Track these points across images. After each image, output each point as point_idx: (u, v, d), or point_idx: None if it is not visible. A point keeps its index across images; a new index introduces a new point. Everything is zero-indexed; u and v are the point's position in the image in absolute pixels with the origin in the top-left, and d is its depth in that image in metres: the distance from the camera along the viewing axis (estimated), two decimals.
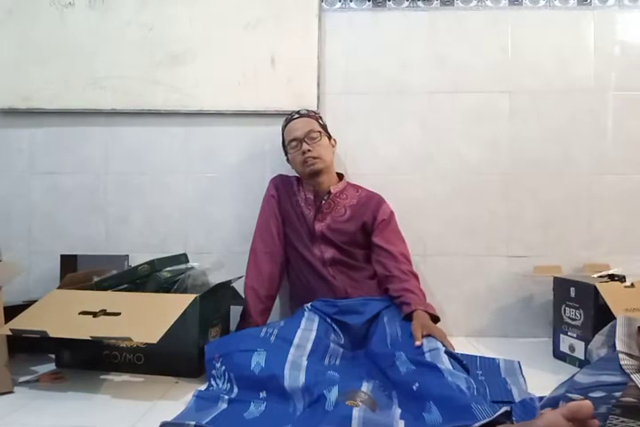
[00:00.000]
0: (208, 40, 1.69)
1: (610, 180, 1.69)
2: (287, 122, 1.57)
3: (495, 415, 0.84)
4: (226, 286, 1.46)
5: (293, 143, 1.53)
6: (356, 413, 0.87)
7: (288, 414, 1.01)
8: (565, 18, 1.69)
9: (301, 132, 1.52)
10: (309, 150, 1.50)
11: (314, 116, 1.58)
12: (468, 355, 1.38)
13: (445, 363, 1.08)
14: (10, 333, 1.17)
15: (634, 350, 0.92)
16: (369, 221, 1.54)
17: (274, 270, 1.55)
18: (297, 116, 1.57)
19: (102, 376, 1.27)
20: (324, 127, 1.58)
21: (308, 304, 1.43)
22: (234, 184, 1.73)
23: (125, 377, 1.27)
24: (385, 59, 1.71)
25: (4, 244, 1.61)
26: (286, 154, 1.60)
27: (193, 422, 0.92)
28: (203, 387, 1.17)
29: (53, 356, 1.35)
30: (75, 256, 1.69)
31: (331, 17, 1.71)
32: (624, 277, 1.46)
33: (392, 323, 1.34)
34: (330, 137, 1.59)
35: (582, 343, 1.35)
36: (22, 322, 1.21)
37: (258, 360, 1.13)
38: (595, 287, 1.32)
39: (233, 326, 1.51)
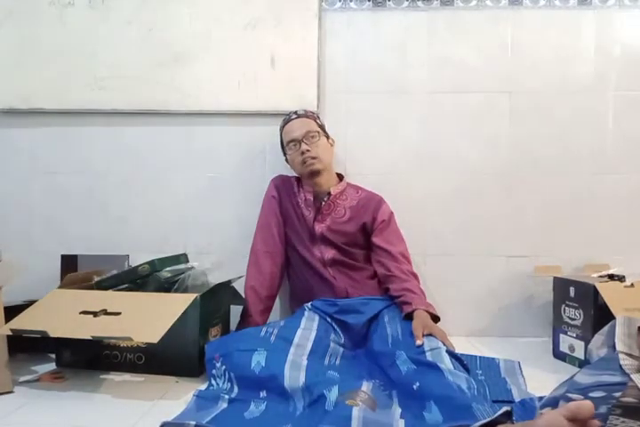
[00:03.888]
0: (208, 40, 1.69)
1: (610, 180, 1.69)
2: (285, 123, 1.57)
3: (495, 415, 0.84)
4: (226, 286, 1.46)
5: (291, 144, 1.53)
6: (356, 412, 0.87)
7: (288, 413, 1.01)
8: (565, 18, 1.69)
9: (299, 133, 1.52)
10: (308, 150, 1.50)
11: (312, 116, 1.58)
12: (468, 355, 1.38)
13: (446, 363, 1.08)
14: (10, 333, 1.17)
15: (634, 350, 0.92)
16: (369, 222, 1.54)
17: (274, 270, 1.55)
18: (294, 116, 1.56)
19: (102, 376, 1.27)
20: (322, 127, 1.58)
21: (309, 304, 1.43)
22: (234, 184, 1.73)
23: (125, 377, 1.27)
24: (385, 59, 1.71)
25: (3, 244, 1.61)
26: (285, 155, 1.60)
27: (193, 422, 0.91)
28: (203, 387, 1.17)
29: (53, 356, 1.35)
30: (75, 256, 1.69)
31: (331, 17, 1.71)
32: (624, 277, 1.46)
33: (392, 322, 1.34)
34: (328, 137, 1.59)
35: (582, 343, 1.35)
36: (22, 322, 1.21)
37: (258, 360, 1.13)
38: (595, 287, 1.32)
39: (233, 326, 1.51)
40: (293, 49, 1.68)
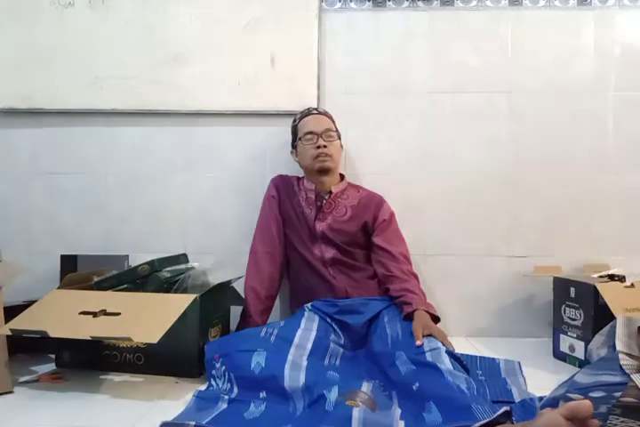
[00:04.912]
0: (208, 40, 1.69)
1: (610, 180, 1.69)
2: (304, 115, 1.57)
3: (495, 415, 0.84)
4: (226, 286, 1.46)
5: (309, 136, 1.53)
6: (356, 413, 0.87)
7: (288, 414, 1.01)
8: (565, 18, 1.69)
9: (321, 128, 1.53)
10: (325, 146, 1.51)
11: (331, 117, 1.60)
12: (468, 355, 1.38)
13: (446, 363, 1.08)
14: (10, 333, 1.17)
15: (634, 350, 0.92)
16: (370, 222, 1.54)
17: (274, 270, 1.55)
18: (315, 112, 1.58)
19: (102, 376, 1.27)
20: (337, 130, 1.59)
21: (309, 304, 1.43)
22: (234, 184, 1.73)
23: (125, 377, 1.27)
24: (385, 59, 1.71)
25: (3, 244, 1.61)
26: (294, 147, 1.60)
27: (193, 422, 0.92)
28: (203, 387, 1.17)
29: (53, 356, 1.35)
30: (75, 256, 1.69)
31: (331, 17, 1.71)
32: (624, 277, 1.46)
33: (392, 323, 1.34)
34: (340, 140, 1.59)
35: (582, 343, 1.35)
36: (22, 322, 1.21)
37: (258, 360, 1.13)
38: (595, 287, 1.32)
39: (233, 326, 1.51)
40: (293, 49, 1.68)
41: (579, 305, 1.39)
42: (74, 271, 1.59)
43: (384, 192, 1.61)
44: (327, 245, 1.52)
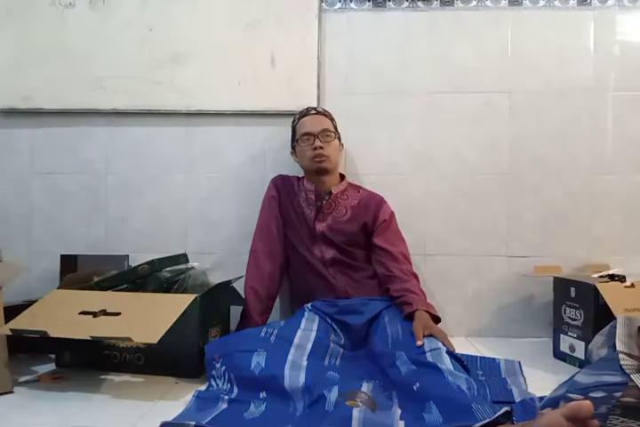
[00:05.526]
0: (208, 40, 1.69)
1: (610, 179, 1.69)
2: (302, 115, 1.57)
3: (495, 416, 0.84)
4: (226, 286, 1.46)
5: (306, 137, 1.53)
6: (356, 413, 0.87)
7: (288, 414, 1.01)
8: (565, 18, 1.69)
9: (317, 129, 1.52)
10: (321, 147, 1.50)
11: (329, 116, 1.59)
12: (468, 355, 1.38)
13: (446, 363, 1.08)
14: (10, 333, 1.17)
15: (634, 350, 0.92)
16: (370, 222, 1.54)
17: (274, 270, 1.55)
18: (313, 111, 1.57)
19: (102, 376, 1.27)
20: (337, 129, 1.58)
21: (309, 304, 1.43)
22: (234, 184, 1.73)
23: (125, 377, 1.27)
24: (385, 59, 1.71)
25: (4, 244, 1.61)
26: (293, 147, 1.60)
27: (193, 422, 0.92)
28: (203, 387, 1.17)
29: (53, 356, 1.35)
30: (75, 256, 1.69)
31: (330, 17, 1.71)
32: (624, 277, 1.46)
33: (393, 323, 1.33)
34: (340, 140, 1.59)
35: (582, 343, 1.35)
36: (22, 322, 1.21)
37: (258, 360, 1.13)
38: (595, 287, 1.32)
39: (233, 326, 1.51)
40: (293, 49, 1.68)
41: (579, 305, 1.39)
42: (74, 271, 1.59)
43: (384, 192, 1.61)
44: (327, 245, 1.52)
